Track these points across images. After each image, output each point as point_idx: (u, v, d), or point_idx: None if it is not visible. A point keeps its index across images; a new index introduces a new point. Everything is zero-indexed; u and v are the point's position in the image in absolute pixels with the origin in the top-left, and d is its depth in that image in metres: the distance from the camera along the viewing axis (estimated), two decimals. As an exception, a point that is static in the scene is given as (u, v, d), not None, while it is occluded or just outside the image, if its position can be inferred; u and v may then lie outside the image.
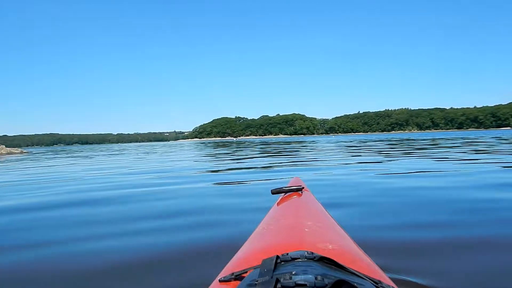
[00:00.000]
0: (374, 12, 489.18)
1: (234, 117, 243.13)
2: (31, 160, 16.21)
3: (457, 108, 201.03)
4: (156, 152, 20.05)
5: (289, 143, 30.02)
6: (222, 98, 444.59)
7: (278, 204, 1.53)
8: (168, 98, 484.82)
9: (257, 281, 0.66)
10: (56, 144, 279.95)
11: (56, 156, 21.19)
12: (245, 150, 17.27)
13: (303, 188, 1.65)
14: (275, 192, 1.65)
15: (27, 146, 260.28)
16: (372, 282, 0.71)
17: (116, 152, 23.57)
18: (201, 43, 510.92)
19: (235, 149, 18.86)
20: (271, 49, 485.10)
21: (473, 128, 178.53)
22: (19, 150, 36.64)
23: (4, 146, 34.56)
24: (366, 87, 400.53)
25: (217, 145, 35.52)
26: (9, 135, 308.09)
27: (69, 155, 22.49)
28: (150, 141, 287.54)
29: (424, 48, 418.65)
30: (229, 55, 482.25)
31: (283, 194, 1.65)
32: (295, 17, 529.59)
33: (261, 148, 19.99)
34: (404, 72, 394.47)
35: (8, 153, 31.42)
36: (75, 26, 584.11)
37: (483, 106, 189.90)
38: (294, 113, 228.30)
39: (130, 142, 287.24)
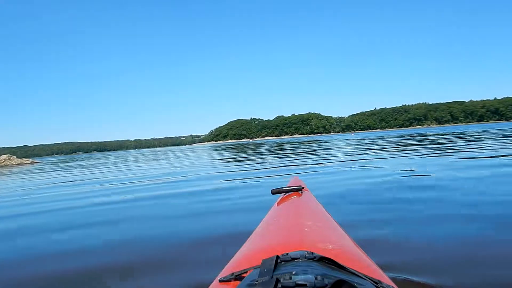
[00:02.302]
0: (386, 7, 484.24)
1: (249, 118, 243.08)
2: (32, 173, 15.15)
3: (476, 101, 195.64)
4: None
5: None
6: (237, 100, 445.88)
7: (278, 204, 1.54)
8: (183, 102, 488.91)
9: (257, 281, 0.65)
10: (75, 153, 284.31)
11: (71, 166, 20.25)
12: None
13: (303, 188, 1.65)
14: (275, 192, 1.65)
15: (47, 155, 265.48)
16: (372, 282, 0.71)
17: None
18: (214, 46, 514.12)
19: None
20: (284, 49, 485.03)
21: (494, 120, 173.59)
22: (30, 160, 36.80)
23: (15, 157, 34.84)
24: (382, 83, 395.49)
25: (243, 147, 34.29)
26: (29, 145, 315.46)
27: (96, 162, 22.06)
28: (167, 145, 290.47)
29: (439, 41, 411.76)
30: (242, 57, 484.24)
31: (283, 194, 1.65)
32: (308, 16, 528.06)
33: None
34: (420, 67, 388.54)
35: (18, 164, 31.68)
36: (90, 34, 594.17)
37: (504, 97, 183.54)
38: (309, 112, 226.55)
39: (148, 147, 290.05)
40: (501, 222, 2.31)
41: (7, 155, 34.01)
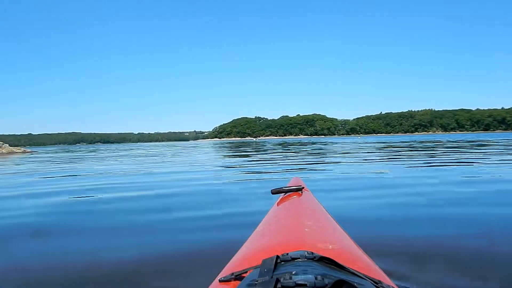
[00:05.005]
0: (396, 11, 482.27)
1: (254, 117, 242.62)
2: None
3: (483, 109, 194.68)
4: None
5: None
6: (242, 98, 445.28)
7: (278, 204, 1.53)
8: (188, 97, 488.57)
9: (257, 281, 0.65)
10: (78, 143, 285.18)
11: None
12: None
13: (303, 188, 1.63)
14: (275, 192, 1.63)
15: (51, 144, 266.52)
16: (372, 282, 0.71)
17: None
18: (221, 43, 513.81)
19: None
20: (292, 49, 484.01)
21: (500, 130, 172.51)
22: (21, 149, 35.37)
23: (7, 145, 33.62)
24: (388, 87, 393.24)
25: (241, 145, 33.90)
26: (34, 133, 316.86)
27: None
28: (170, 140, 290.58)
29: (448, 48, 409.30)
30: (250, 55, 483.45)
31: (283, 194, 1.64)
32: (317, 17, 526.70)
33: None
34: (427, 73, 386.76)
35: (8, 152, 30.79)
36: (95, 26, 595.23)
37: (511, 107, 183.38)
38: (314, 114, 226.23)
39: (151, 141, 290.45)
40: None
41: (-1, 142, 33.12)
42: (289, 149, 17.93)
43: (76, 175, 7.38)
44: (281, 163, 8.95)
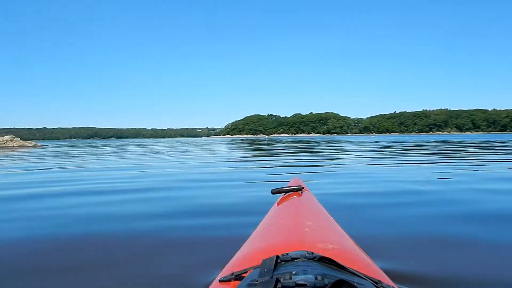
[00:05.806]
0: (411, 11, 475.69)
1: (266, 114, 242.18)
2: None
3: (500, 110, 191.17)
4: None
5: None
6: (254, 95, 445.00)
7: (278, 204, 1.53)
8: (201, 94, 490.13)
9: (257, 281, 0.66)
10: (92, 138, 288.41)
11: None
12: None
13: (303, 188, 1.63)
14: (275, 192, 1.64)
15: (65, 138, 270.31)
16: (372, 282, 0.71)
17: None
18: (234, 41, 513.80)
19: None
20: (305, 46, 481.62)
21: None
22: (32, 143, 34.48)
23: (18, 138, 33.14)
24: (403, 86, 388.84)
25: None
26: (48, 127, 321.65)
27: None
28: (183, 136, 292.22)
29: (465, 47, 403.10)
30: (262, 53, 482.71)
31: (283, 194, 1.65)
32: (329, 15, 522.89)
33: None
34: (443, 72, 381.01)
35: (20, 146, 30.44)
36: (110, 24, 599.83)
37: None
38: (327, 112, 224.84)
39: (164, 137, 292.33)
40: None
41: (10, 136, 32.65)
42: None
43: (74, 172, 7.30)
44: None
